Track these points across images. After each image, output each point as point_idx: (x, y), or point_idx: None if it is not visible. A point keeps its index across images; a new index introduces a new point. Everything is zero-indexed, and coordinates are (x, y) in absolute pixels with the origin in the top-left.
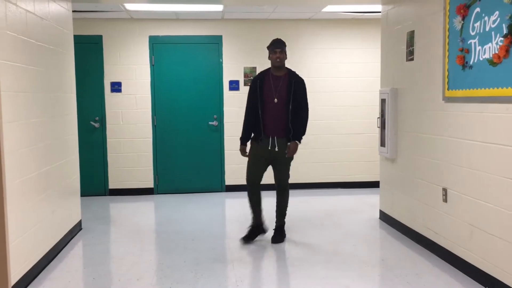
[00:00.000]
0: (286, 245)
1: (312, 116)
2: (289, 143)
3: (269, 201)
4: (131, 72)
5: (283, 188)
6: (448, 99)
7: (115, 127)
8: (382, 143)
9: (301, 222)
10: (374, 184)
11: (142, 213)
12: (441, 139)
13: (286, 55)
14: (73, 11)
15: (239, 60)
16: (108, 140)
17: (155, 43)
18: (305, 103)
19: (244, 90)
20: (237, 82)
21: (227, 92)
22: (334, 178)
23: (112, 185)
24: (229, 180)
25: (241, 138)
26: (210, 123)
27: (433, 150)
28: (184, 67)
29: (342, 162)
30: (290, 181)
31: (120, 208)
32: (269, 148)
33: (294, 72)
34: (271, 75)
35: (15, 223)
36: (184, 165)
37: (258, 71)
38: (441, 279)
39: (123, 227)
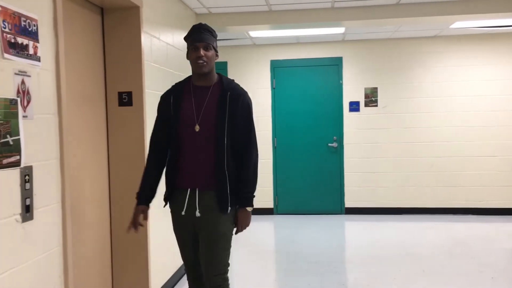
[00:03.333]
0: (415, 275)
1: (437, 137)
2: (238, 210)
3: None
4: (253, 96)
5: None
6: None
7: None
8: None
9: (429, 250)
10: (511, 211)
11: (262, 233)
12: None
13: (216, 52)
14: None
15: (360, 81)
16: None
17: (276, 66)
18: (251, 133)
19: (366, 112)
20: (357, 103)
21: (347, 114)
22: (463, 203)
23: None
24: (348, 203)
25: (137, 193)
26: (329, 144)
27: None
28: (303, 89)
29: (473, 186)
30: (409, 204)
31: None
32: (183, 212)
33: (231, 81)
34: (192, 87)
35: (155, 240)
36: (304, 186)
37: (379, 92)
38: None
39: (245, 247)
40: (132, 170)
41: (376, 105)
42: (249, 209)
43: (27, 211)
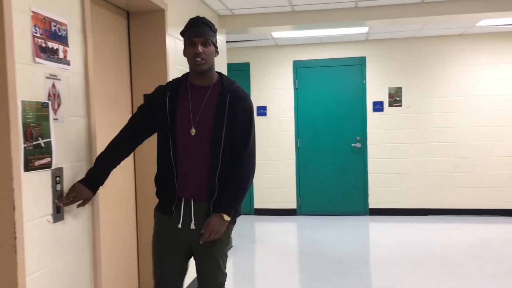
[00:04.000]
0: (440, 277)
1: (463, 137)
2: (210, 216)
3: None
4: (276, 96)
5: None
6: None
7: (263, 150)
8: None
9: (455, 252)
10: None
11: (286, 233)
12: None
13: (216, 49)
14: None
15: (384, 81)
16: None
17: (298, 67)
18: (249, 140)
19: (390, 111)
20: (381, 103)
21: (370, 114)
22: (489, 204)
23: (257, 204)
24: (373, 203)
25: (86, 178)
26: (352, 145)
27: None
28: (326, 90)
29: (500, 187)
30: (434, 205)
31: (265, 227)
32: (180, 225)
33: (233, 82)
34: (189, 85)
35: None
36: (327, 187)
37: (404, 92)
38: None
39: (269, 247)
40: None
41: (401, 105)
42: (226, 218)
43: (58, 212)
